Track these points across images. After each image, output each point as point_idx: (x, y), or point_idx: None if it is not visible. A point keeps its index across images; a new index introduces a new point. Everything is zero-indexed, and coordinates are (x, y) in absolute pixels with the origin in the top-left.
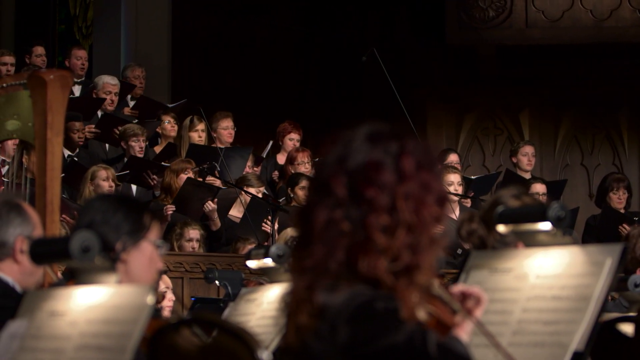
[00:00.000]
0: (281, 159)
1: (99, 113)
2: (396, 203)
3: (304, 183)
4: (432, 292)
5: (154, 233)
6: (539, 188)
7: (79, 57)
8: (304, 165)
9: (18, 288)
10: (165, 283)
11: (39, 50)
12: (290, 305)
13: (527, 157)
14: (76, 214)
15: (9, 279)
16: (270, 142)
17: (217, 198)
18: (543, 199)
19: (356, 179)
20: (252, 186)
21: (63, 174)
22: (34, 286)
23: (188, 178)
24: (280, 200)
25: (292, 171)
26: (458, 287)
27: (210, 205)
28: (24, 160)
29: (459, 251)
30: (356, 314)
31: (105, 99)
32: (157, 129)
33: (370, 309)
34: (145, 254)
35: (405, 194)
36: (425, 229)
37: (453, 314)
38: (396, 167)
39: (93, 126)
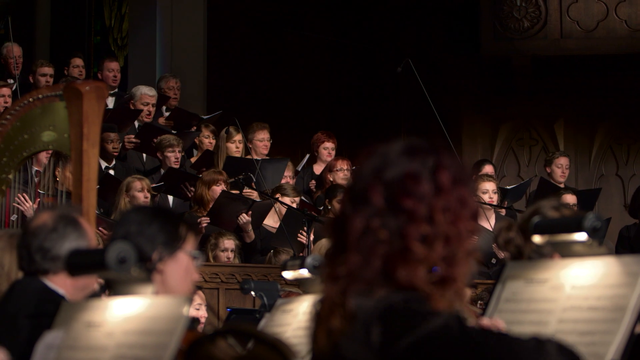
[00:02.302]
0: (317, 169)
1: (136, 123)
2: (434, 215)
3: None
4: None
5: (190, 244)
6: (570, 199)
7: (111, 69)
8: (343, 172)
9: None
10: (200, 298)
11: (77, 61)
12: (323, 311)
13: (561, 168)
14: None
15: (61, 291)
16: (307, 155)
17: (254, 208)
18: (574, 210)
19: (394, 189)
20: (287, 195)
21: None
22: None
23: (223, 191)
24: (320, 209)
25: (331, 179)
26: (484, 321)
27: (245, 218)
28: (56, 172)
29: (494, 261)
30: (388, 313)
31: (142, 111)
32: (195, 140)
33: (403, 307)
34: (182, 264)
35: (443, 206)
36: (461, 242)
37: None
38: (433, 180)
39: (132, 136)
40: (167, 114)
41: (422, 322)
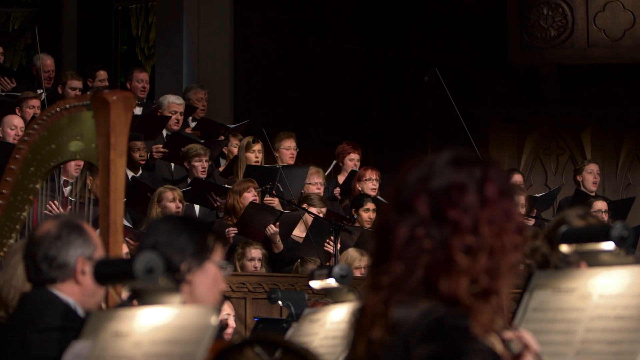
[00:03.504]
0: (341, 178)
1: (164, 133)
2: (479, 227)
3: (368, 205)
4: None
5: (218, 254)
6: (600, 205)
7: (140, 80)
8: (372, 182)
9: (79, 310)
10: (229, 308)
11: (102, 74)
12: (363, 320)
13: (592, 175)
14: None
15: (71, 300)
16: (334, 162)
17: (282, 219)
18: (604, 216)
19: (439, 199)
20: (314, 206)
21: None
22: (95, 307)
23: (251, 202)
24: (348, 217)
25: (359, 188)
26: (508, 334)
27: (272, 229)
28: (88, 181)
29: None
30: (428, 332)
31: (170, 117)
32: (224, 150)
33: (442, 326)
34: (210, 275)
35: (488, 219)
36: (505, 255)
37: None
38: (479, 192)
39: (160, 146)
40: (193, 124)
41: (459, 352)
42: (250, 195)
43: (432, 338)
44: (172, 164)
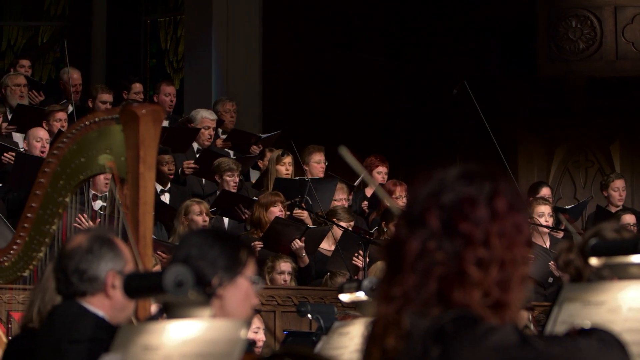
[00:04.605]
0: (369, 191)
1: (195, 147)
2: (490, 239)
3: None
4: None
5: (251, 269)
6: (629, 219)
7: (168, 94)
8: (402, 200)
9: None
10: (259, 321)
11: (137, 87)
12: (377, 330)
13: (618, 191)
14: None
15: (100, 313)
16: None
17: (308, 235)
18: (634, 229)
19: (450, 213)
20: (342, 220)
21: None
22: (125, 322)
23: (276, 217)
24: (372, 231)
25: (388, 204)
26: None
27: (298, 244)
28: (118, 194)
29: (550, 280)
30: (446, 329)
31: (200, 130)
32: (260, 164)
33: (461, 323)
34: (241, 289)
35: (499, 231)
36: (516, 267)
37: None
38: (489, 205)
39: (192, 162)
40: (223, 136)
41: (481, 336)
42: (276, 210)
43: (450, 336)
44: (203, 179)
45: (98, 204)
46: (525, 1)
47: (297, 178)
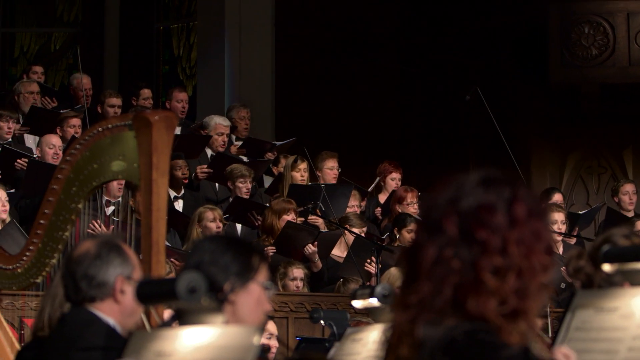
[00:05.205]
0: (382, 198)
1: (209, 153)
2: (507, 247)
3: (412, 226)
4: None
5: (263, 275)
6: None
7: (180, 100)
8: (413, 206)
9: (119, 329)
10: (271, 329)
11: (146, 93)
12: (392, 339)
13: (627, 195)
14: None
15: (110, 320)
16: (377, 179)
17: (320, 239)
18: None
19: (468, 220)
20: (354, 226)
21: None
22: (133, 327)
23: (288, 222)
24: (384, 237)
25: (400, 211)
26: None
27: (310, 249)
28: (130, 201)
29: (562, 285)
30: (455, 344)
31: (212, 137)
32: (273, 169)
33: (470, 339)
34: (254, 295)
35: (517, 239)
36: (534, 275)
37: None
38: (508, 212)
39: (205, 166)
40: (237, 143)
41: (490, 354)
42: (289, 218)
43: (459, 351)
44: (217, 184)
45: (111, 210)
46: (538, 8)
47: (311, 184)
